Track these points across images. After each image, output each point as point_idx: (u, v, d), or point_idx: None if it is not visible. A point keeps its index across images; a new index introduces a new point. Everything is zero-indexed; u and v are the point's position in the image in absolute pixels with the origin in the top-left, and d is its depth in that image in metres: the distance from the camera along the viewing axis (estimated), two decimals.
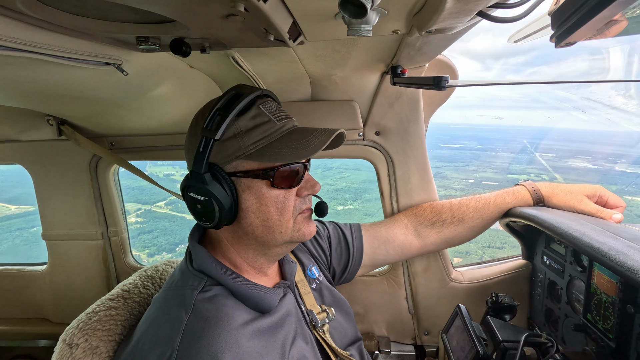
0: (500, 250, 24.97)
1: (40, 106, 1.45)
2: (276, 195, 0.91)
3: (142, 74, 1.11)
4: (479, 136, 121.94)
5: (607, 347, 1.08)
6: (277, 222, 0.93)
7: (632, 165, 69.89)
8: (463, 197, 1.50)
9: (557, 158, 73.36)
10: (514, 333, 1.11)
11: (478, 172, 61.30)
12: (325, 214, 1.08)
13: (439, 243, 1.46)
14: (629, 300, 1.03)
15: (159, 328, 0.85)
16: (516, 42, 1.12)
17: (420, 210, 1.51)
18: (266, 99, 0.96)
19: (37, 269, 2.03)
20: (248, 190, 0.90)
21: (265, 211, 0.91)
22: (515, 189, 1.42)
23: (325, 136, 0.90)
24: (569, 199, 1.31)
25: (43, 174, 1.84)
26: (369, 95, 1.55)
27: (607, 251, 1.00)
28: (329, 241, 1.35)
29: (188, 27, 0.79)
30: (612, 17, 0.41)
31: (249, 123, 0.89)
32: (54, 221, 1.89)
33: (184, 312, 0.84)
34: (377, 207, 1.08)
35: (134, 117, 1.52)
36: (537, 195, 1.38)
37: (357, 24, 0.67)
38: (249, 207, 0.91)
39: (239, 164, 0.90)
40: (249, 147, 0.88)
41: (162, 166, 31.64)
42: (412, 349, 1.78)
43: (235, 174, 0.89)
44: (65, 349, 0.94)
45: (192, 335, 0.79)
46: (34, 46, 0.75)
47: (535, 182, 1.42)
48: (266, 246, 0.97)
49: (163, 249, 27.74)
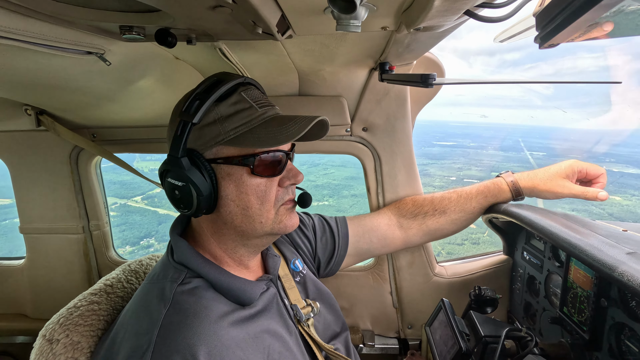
0: (460, 246, 25.46)
1: (17, 95, 1.39)
2: (257, 183, 0.90)
3: (125, 64, 1.08)
4: (475, 134, 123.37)
5: (581, 338, 1.12)
6: (257, 212, 0.91)
7: (618, 164, 72.15)
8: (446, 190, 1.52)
9: (546, 157, 75.07)
10: (496, 328, 1.14)
11: (462, 170, 62.34)
12: (309, 204, 1.06)
13: (422, 235, 1.47)
14: (603, 294, 1.07)
15: (138, 320, 0.84)
16: (501, 41, 1.14)
17: (403, 203, 1.53)
18: (249, 86, 0.94)
19: (14, 263, 1.97)
20: (228, 178, 0.89)
21: (245, 199, 0.90)
22: (496, 182, 1.42)
23: (305, 122, 0.88)
24: (550, 186, 1.30)
25: (21, 165, 1.77)
26: (357, 91, 1.55)
27: (583, 247, 1.03)
28: (314, 231, 1.35)
29: (174, 17, 0.78)
30: (595, 20, 0.42)
31: (229, 109, 0.88)
32: (32, 214, 1.84)
33: (162, 304, 0.83)
34: (351, 203, 1.08)
35: (117, 108, 1.48)
36: (515, 187, 1.37)
37: (346, 19, 0.67)
38: (228, 194, 0.90)
39: (218, 150, 0.89)
40: (228, 132, 0.87)
41: (150, 161, 31.21)
42: (396, 342, 1.81)
43: (215, 160, 0.88)
44: (45, 344, 0.92)
45: (170, 328, 0.79)
46: (11, 32, 0.72)
47: (514, 173, 1.41)
48: (245, 236, 0.95)
49: (127, 242, 27.45)
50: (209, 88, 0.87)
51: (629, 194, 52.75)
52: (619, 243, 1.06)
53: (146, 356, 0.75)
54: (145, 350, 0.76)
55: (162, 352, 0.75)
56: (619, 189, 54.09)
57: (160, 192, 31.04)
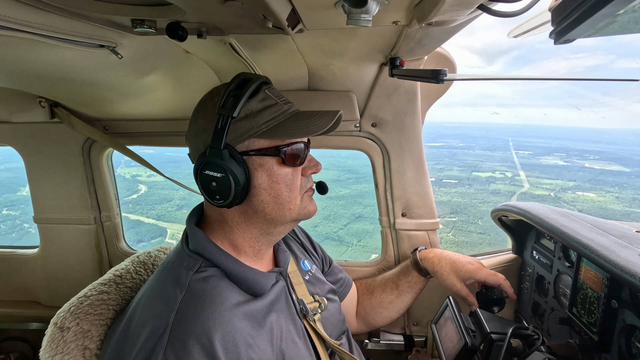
0: None
1: (31, 87, 1.42)
2: (286, 172, 0.96)
3: (137, 57, 1.09)
4: (466, 134, 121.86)
5: (590, 340, 1.11)
6: (287, 199, 0.97)
7: (601, 162, 70.88)
8: None
9: (532, 155, 74.31)
10: (502, 325, 1.13)
11: (444, 171, 62.20)
12: (326, 191, 1.13)
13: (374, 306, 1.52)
14: (614, 295, 1.06)
15: (153, 305, 0.86)
16: (515, 37, 1.12)
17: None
18: (270, 85, 1.01)
19: (28, 252, 2.02)
20: (260, 168, 0.94)
21: (276, 188, 0.95)
22: (405, 265, 1.53)
23: (329, 117, 0.96)
24: (444, 280, 1.38)
25: (35, 156, 1.81)
26: (366, 86, 1.54)
27: (595, 247, 1.02)
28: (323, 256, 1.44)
29: (185, 10, 0.78)
30: (614, 14, 0.41)
31: (258, 105, 0.93)
32: (46, 205, 1.87)
33: (178, 290, 0.86)
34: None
35: (128, 101, 1.49)
36: (419, 267, 1.47)
37: (357, 14, 0.66)
38: (260, 184, 0.94)
39: (250, 143, 0.94)
40: (260, 126, 0.92)
41: (134, 167, 31.82)
42: (402, 338, 1.81)
43: (247, 152, 0.93)
44: (56, 332, 0.95)
45: (186, 312, 0.82)
46: (25, 25, 0.73)
47: (429, 252, 1.48)
48: (273, 224, 1.00)
49: None
50: (239, 86, 0.92)
51: (604, 191, 52.00)
52: (632, 244, 1.04)
53: (163, 339, 0.77)
54: (162, 333, 0.78)
55: (178, 335, 0.78)
56: (595, 186, 53.33)
57: (135, 198, 31.51)
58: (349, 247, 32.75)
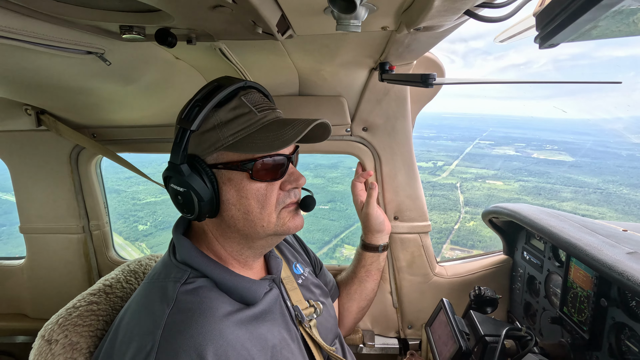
0: None
1: (17, 95, 1.39)
2: (257, 188, 0.90)
3: (125, 64, 1.08)
4: (445, 125, 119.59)
5: (581, 338, 1.12)
6: (258, 216, 0.91)
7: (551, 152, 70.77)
8: None
9: (489, 146, 74.19)
10: (495, 327, 1.14)
11: None
12: (311, 208, 1.03)
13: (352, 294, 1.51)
14: (603, 294, 1.07)
15: (140, 321, 0.83)
16: (501, 42, 1.14)
17: None
18: (250, 90, 0.94)
19: (14, 263, 1.97)
20: (228, 183, 0.89)
21: (245, 204, 0.90)
22: (357, 253, 1.56)
23: (302, 126, 0.87)
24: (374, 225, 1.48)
25: (21, 165, 1.77)
26: (357, 91, 1.55)
27: (583, 247, 1.03)
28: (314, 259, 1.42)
29: (174, 17, 0.77)
30: (596, 19, 0.42)
31: (228, 114, 0.88)
32: (32, 214, 1.83)
33: (165, 304, 0.82)
34: None
35: (117, 108, 1.48)
36: (367, 246, 1.51)
37: (346, 19, 0.67)
38: (229, 199, 0.90)
39: (219, 156, 0.89)
40: (227, 138, 0.87)
41: None
42: (396, 342, 1.81)
43: (216, 165, 0.88)
44: (44, 345, 0.92)
45: (174, 328, 0.78)
46: (11, 32, 0.71)
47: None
48: (250, 239, 0.96)
49: None
50: (208, 94, 0.87)
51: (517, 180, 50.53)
52: (619, 243, 1.06)
53: (150, 357, 0.74)
54: (149, 351, 0.75)
55: (166, 352, 0.75)
56: (515, 175, 51.98)
57: None
58: None
